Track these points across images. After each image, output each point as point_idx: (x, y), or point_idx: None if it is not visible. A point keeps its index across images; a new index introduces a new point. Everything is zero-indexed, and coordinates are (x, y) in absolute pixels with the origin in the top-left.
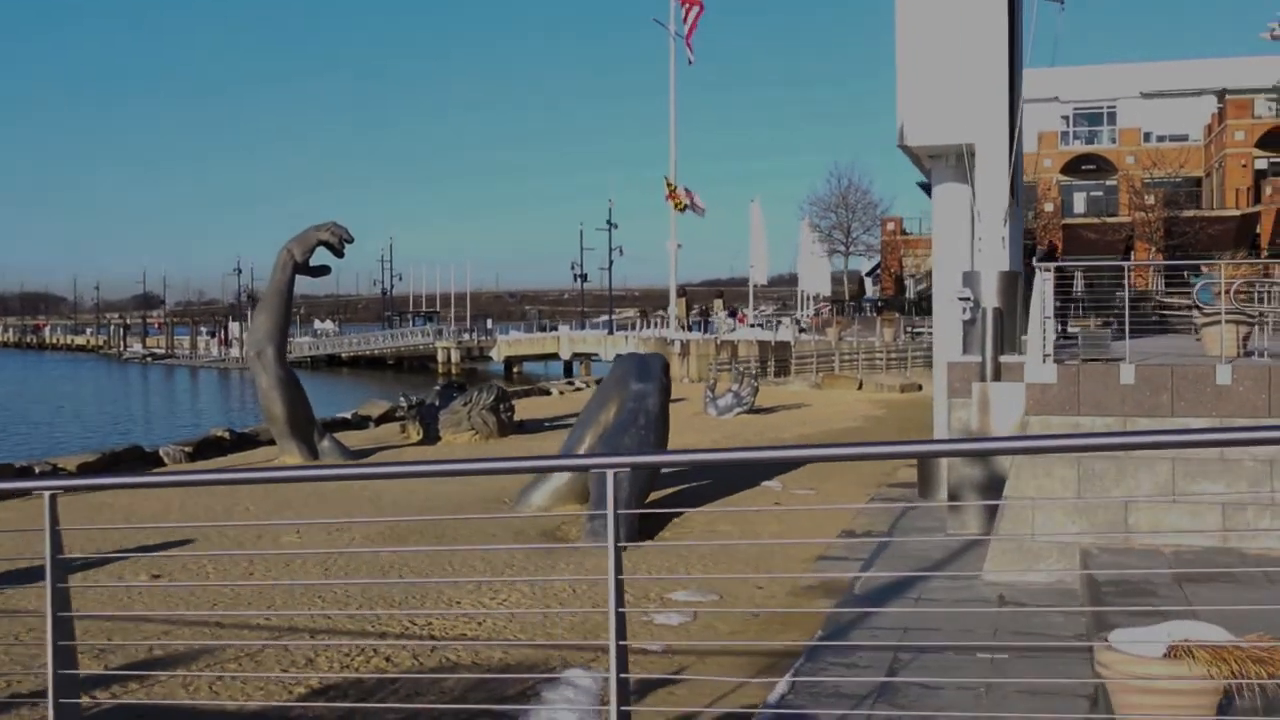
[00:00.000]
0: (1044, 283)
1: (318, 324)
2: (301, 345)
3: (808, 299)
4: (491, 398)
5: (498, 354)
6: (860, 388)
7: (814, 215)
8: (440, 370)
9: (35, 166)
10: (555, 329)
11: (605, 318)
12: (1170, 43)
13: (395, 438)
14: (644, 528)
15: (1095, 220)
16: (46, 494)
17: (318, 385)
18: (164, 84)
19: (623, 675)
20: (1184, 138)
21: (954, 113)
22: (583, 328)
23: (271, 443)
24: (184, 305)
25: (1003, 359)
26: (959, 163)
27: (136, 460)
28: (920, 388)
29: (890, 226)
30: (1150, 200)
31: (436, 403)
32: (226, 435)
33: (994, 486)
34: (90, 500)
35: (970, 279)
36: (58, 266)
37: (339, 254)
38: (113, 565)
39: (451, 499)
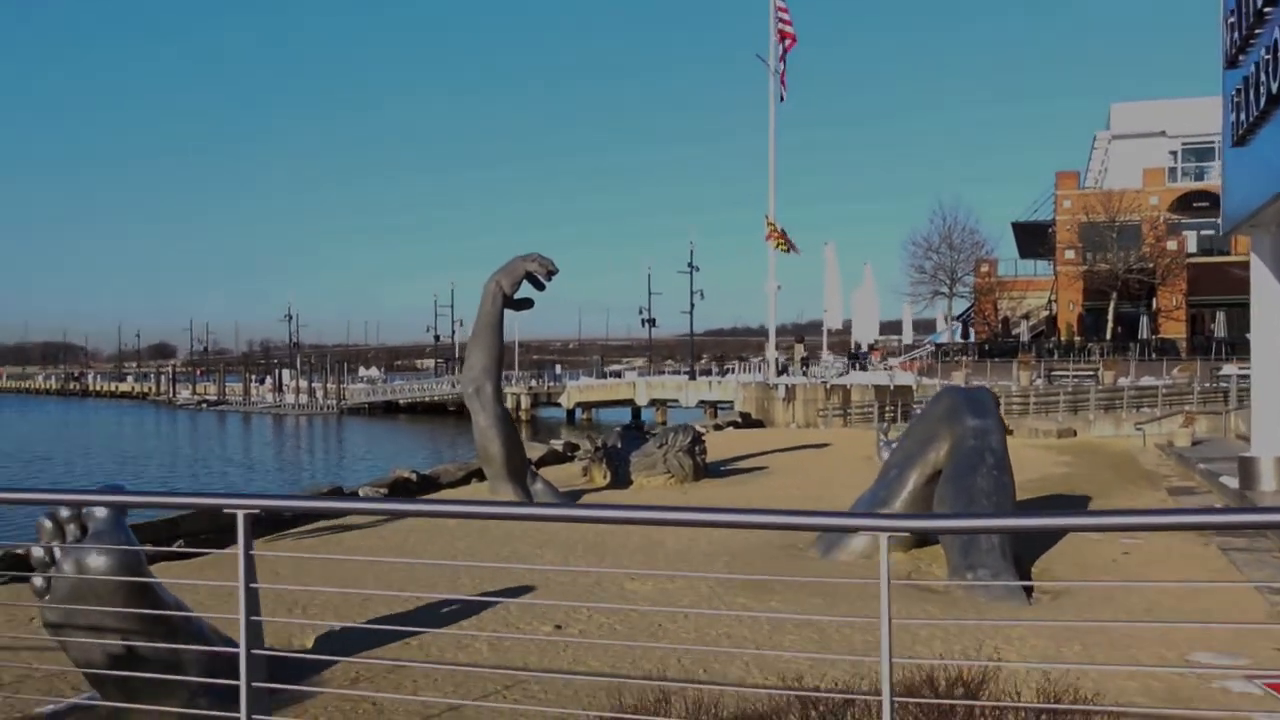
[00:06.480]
0: None
1: (363, 371)
2: (356, 392)
3: (861, 345)
4: (688, 440)
5: (567, 400)
6: (1010, 433)
7: (915, 256)
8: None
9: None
10: (619, 375)
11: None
12: None
13: (577, 481)
14: (1023, 575)
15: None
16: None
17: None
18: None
19: None
20: None
21: None
22: (658, 374)
23: (457, 484)
24: (197, 355)
25: None
26: None
27: (340, 500)
28: (1075, 433)
29: (984, 269)
30: None
31: (619, 445)
32: (413, 477)
33: None
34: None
35: None
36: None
37: (541, 286)
38: (483, 613)
39: (732, 547)
